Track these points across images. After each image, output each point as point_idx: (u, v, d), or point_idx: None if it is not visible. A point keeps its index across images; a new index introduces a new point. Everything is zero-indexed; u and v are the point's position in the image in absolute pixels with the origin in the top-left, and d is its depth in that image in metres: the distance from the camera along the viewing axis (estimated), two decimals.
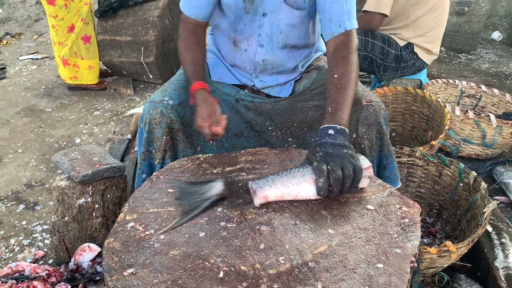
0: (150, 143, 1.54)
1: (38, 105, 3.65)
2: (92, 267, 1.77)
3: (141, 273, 0.96)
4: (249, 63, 1.66)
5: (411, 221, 1.12)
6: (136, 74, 3.99)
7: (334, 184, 1.15)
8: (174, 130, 1.55)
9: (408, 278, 0.95)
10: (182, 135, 1.56)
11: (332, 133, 1.25)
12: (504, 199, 2.30)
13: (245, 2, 1.53)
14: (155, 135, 1.53)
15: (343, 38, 1.48)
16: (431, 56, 2.88)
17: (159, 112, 1.52)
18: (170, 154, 1.56)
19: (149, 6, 3.80)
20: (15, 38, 5.31)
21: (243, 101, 1.67)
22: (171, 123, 1.53)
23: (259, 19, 1.56)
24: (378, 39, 2.76)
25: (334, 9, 1.48)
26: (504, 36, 5.30)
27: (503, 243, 1.76)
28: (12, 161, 2.82)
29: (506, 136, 2.49)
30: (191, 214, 1.14)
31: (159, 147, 1.54)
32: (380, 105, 1.53)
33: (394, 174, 1.60)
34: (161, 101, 1.54)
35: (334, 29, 1.49)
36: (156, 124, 1.52)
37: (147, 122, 1.53)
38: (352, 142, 1.54)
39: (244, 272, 0.96)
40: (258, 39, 1.60)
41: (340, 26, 1.48)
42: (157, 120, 1.52)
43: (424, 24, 2.76)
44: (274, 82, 1.70)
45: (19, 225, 2.23)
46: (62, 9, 3.43)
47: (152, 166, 1.57)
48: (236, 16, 1.58)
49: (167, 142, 1.54)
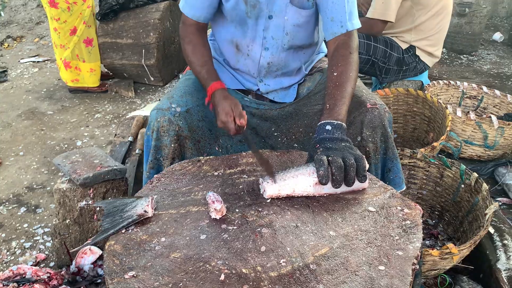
0: (158, 151, 1.53)
1: (40, 107, 3.65)
2: (93, 270, 1.77)
3: (142, 276, 0.96)
4: (253, 67, 1.65)
5: (413, 223, 1.12)
6: (137, 76, 3.99)
7: (336, 173, 1.16)
8: (181, 137, 1.54)
9: (410, 280, 0.95)
10: (189, 142, 1.55)
11: (330, 129, 1.27)
12: (506, 200, 2.29)
13: (247, 6, 1.52)
14: (163, 142, 1.52)
15: (344, 38, 1.49)
16: (433, 59, 2.87)
17: (167, 119, 1.51)
18: (178, 162, 1.56)
19: (150, 9, 3.81)
20: (16, 41, 5.32)
21: (248, 107, 1.66)
22: (179, 131, 1.52)
23: (265, 22, 1.55)
24: (380, 43, 2.75)
25: (336, 9, 1.48)
26: (505, 37, 5.30)
27: (506, 245, 1.75)
28: (14, 163, 2.82)
29: (508, 137, 2.48)
30: (107, 233, 1.10)
31: (167, 155, 1.53)
32: (385, 108, 1.53)
33: (399, 177, 1.59)
34: (169, 109, 1.53)
35: (336, 29, 1.49)
36: (164, 132, 1.51)
37: (155, 129, 1.52)
38: (357, 145, 1.53)
39: (245, 274, 0.96)
40: (263, 42, 1.59)
41: (342, 27, 1.48)
42: (165, 127, 1.51)
43: (427, 28, 2.76)
44: (278, 85, 1.69)
45: (20, 228, 2.23)
46: (65, 12, 3.44)
47: None
48: (238, 21, 1.57)
49: (175, 150, 1.53)
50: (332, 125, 1.28)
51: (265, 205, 1.18)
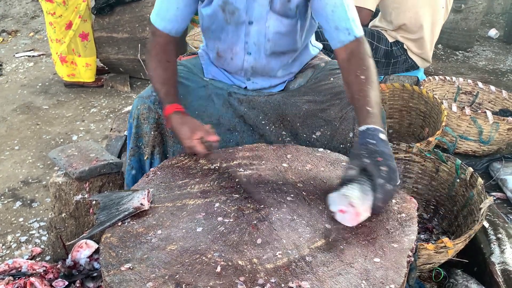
0: (139, 139, 1.55)
1: (35, 102, 3.63)
2: (90, 264, 1.76)
3: (138, 268, 0.96)
4: (237, 70, 1.63)
5: (408, 216, 1.13)
6: (133, 71, 3.98)
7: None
8: (162, 125, 1.55)
9: (405, 272, 0.96)
10: (170, 131, 1.54)
11: (385, 139, 1.17)
12: (501, 195, 2.30)
13: (225, 14, 1.48)
14: (143, 130, 1.54)
15: (356, 45, 1.42)
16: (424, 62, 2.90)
17: (146, 107, 1.53)
18: (159, 150, 1.56)
19: (145, 3, 3.79)
20: (11, 35, 5.29)
21: (236, 94, 1.65)
22: (159, 118, 1.53)
23: (245, 28, 1.51)
24: (366, 35, 2.75)
25: (338, 17, 1.42)
26: (500, 34, 5.31)
27: (500, 239, 1.76)
28: (9, 158, 2.81)
29: (502, 132, 2.50)
30: (103, 226, 1.10)
31: (148, 143, 1.54)
32: None
33: None
34: (149, 96, 1.54)
35: (343, 37, 1.42)
36: (144, 119, 1.53)
37: (136, 117, 1.54)
38: (349, 141, 1.54)
39: (241, 266, 0.97)
40: (245, 47, 1.55)
41: (350, 34, 1.42)
42: (145, 115, 1.53)
43: (410, 30, 2.77)
44: (267, 84, 1.68)
45: (16, 222, 2.22)
46: (60, 6, 3.42)
47: (142, 161, 1.57)
48: (218, 26, 1.53)
49: (155, 137, 1.54)
50: (385, 134, 1.19)
51: (261, 198, 1.19)
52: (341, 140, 1.56)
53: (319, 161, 1.37)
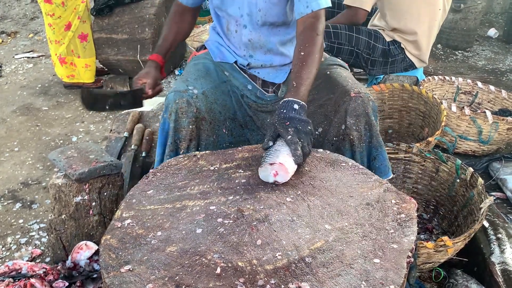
0: (175, 133, 1.55)
1: (34, 103, 3.63)
2: (90, 265, 1.76)
3: (138, 270, 0.96)
4: (240, 44, 1.72)
5: (408, 217, 1.13)
6: (133, 72, 3.96)
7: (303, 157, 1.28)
8: (198, 119, 1.57)
9: (405, 273, 0.96)
10: (205, 124, 1.59)
11: (297, 108, 1.32)
12: (500, 195, 2.31)
13: None
14: (181, 124, 1.54)
15: (311, 19, 1.50)
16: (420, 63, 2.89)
17: (185, 101, 1.54)
18: (194, 144, 1.58)
19: (145, 4, 3.79)
20: (10, 37, 5.29)
21: (247, 98, 1.73)
22: (196, 112, 1.55)
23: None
24: (363, 34, 2.77)
25: None
26: (500, 33, 5.31)
27: (500, 239, 1.76)
28: (9, 159, 2.81)
29: (502, 132, 2.50)
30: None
31: (185, 137, 1.55)
32: (369, 97, 1.54)
33: (385, 165, 1.61)
34: (186, 91, 1.56)
35: (302, 10, 1.52)
36: (182, 114, 1.54)
37: (173, 111, 1.54)
38: (341, 134, 1.57)
39: (241, 268, 0.97)
40: (241, 21, 1.65)
41: (308, 7, 1.50)
42: (184, 109, 1.54)
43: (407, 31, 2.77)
44: (268, 61, 1.72)
45: (15, 223, 2.22)
46: (59, 7, 3.41)
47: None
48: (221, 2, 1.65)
49: (192, 132, 1.56)
50: (299, 104, 1.33)
51: (261, 199, 1.19)
52: (335, 133, 1.59)
53: (319, 162, 1.37)
